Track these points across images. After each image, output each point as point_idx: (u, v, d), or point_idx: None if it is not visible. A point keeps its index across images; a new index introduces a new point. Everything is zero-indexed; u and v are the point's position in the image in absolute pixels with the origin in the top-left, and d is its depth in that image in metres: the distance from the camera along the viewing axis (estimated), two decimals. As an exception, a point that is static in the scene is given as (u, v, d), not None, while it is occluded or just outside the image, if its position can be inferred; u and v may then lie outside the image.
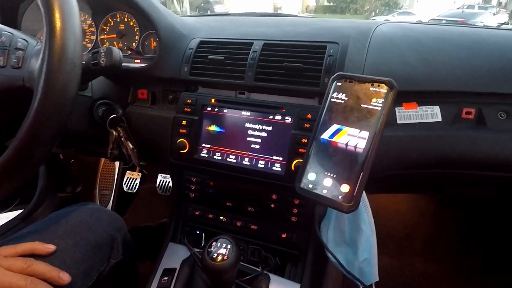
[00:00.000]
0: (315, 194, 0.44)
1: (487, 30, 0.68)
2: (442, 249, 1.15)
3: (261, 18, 0.81)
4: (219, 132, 0.60)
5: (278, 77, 0.57)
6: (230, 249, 0.44)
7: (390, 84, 0.43)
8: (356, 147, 0.43)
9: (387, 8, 19.73)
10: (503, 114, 0.58)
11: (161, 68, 0.64)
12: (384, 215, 1.28)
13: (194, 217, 0.68)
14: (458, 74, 0.57)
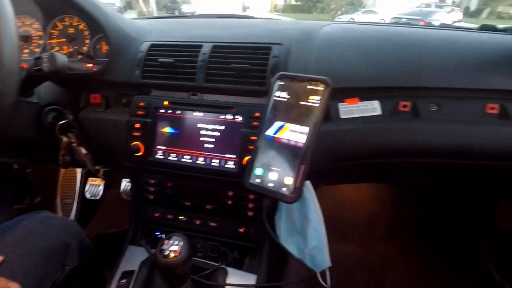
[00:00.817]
0: (262, 188, 0.47)
1: (421, 29, 0.75)
2: (401, 234, 1.23)
3: (214, 20, 0.82)
4: (173, 134, 0.61)
5: (227, 78, 0.59)
6: (182, 245, 0.46)
7: (325, 82, 0.46)
8: (297, 141, 0.46)
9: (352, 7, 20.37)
10: (434, 106, 0.64)
11: (112, 72, 0.64)
12: (349, 205, 1.34)
13: (154, 219, 0.69)
14: (395, 70, 0.62)
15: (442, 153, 0.64)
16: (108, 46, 0.66)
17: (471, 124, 0.62)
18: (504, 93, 0.62)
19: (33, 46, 0.74)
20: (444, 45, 0.67)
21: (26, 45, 0.74)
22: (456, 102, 0.63)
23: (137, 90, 0.65)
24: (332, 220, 1.34)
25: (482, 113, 0.62)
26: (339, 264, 1.11)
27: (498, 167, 0.67)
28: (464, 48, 0.66)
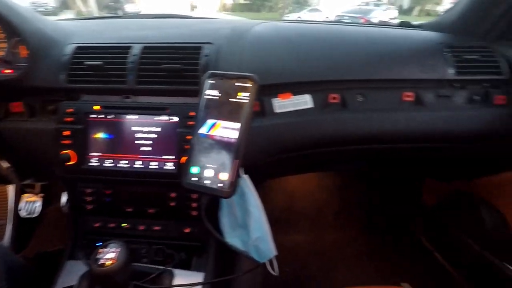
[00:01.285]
0: (199, 186, 0.47)
1: (347, 27, 0.81)
2: (347, 219, 1.32)
3: (147, 20, 0.80)
4: (107, 139, 0.59)
5: (160, 78, 0.59)
6: (119, 251, 0.44)
7: (253, 79, 0.48)
8: (229, 137, 0.47)
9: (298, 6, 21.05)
10: (360, 97, 0.69)
11: (34, 77, 0.60)
12: (299, 196, 1.40)
13: (95, 230, 0.65)
14: (323, 65, 0.67)
15: (369, 139, 0.70)
16: (27, 50, 0.61)
17: (391, 111, 0.69)
18: (416, 82, 0.70)
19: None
20: (367, 41, 0.73)
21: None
22: (378, 92, 0.70)
23: (64, 95, 0.62)
24: (283, 211, 1.39)
25: (399, 100, 0.70)
26: (292, 253, 1.17)
27: (416, 149, 0.75)
28: (383, 43, 0.73)
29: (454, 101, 0.70)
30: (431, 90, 0.70)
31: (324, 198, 1.39)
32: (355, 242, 1.22)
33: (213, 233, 0.51)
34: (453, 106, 0.70)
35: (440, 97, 0.70)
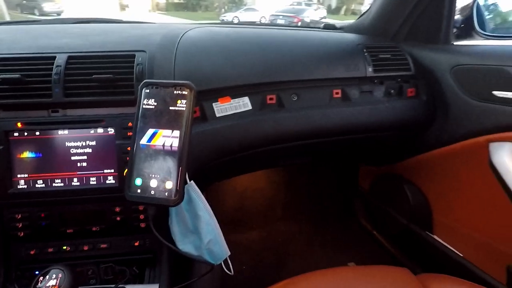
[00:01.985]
0: (144, 198, 0.46)
1: (278, 31, 0.86)
2: (296, 211, 1.39)
3: (68, 26, 0.75)
4: (35, 158, 0.55)
5: (91, 90, 0.56)
6: (62, 277, 0.42)
7: (189, 86, 0.48)
8: (172, 146, 0.47)
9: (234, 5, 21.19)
10: (295, 96, 0.74)
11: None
12: (249, 195, 1.44)
13: (31, 257, 0.60)
14: (257, 69, 0.70)
15: (306, 134, 0.76)
16: None
17: (322, 108, 0.75)
18: (342, 80, 0.77)
19: None
20: (296, 44, 0.78)
21: None
22: (310, 91, 0.75)
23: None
24: (236, 211, 1.41)
25: (330, 97, 0.76)
26: (248, 251, 1.20)
27: (349, 140, 0.84)
28: (312, 45, 0.79)
29: (374, 95, 0.79)
30: (355, 87, 0.78)
31: (273, 194, 1.45)
32: (306, 232, 1.30)
33: (165, 243, 0.51)
34: (374, 99, 0.79)
35: (363, 93, 0.78)
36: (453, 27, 0.81)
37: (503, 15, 1.06)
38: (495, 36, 0.80)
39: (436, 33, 0.81)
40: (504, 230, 0.69)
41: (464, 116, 0.72)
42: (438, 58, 0.78)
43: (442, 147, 0.80)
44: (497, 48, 0.72)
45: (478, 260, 0.78)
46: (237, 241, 1.27)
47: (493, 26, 1.10)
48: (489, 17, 1.10)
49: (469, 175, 0.75)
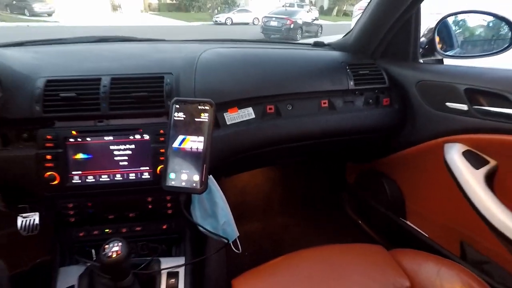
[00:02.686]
0: (177, 188, 0.62)
1: (274, 50, 1.01)
2: (291, 204, 1.56)
3: (101, 49, 0.89)
4: (87, 159, 0.69)
5: (130, 104, 0.71)
6: (121, 245, 0.57)
7: (210, 103, 0.63)
8: (197, 148, 0.62)
9: (227, 6, 21.26)
10: (289, 106, 0.90)
11: (9, 110, 0.67)
12: (249, 191, 1.60)
13: (79, 239, 0.75)
14: (258, 84, 0.86)
15: (299, 137, 0.92)
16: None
17: (313, 116, 0.91)
18: (329, 92, 0.93)
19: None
20: (290, 62, 0.94)
21: None
22: (303, 102, 0.91)
23: (39, 124, 0.69)
24: (238, 205, 1.59)
25: (319, 107, 0.93)
26: (249, 238, 1.37)
27: (335, 141, 1.00)
28: (303, 63, 0.95)
29: (356, 104, 0.96)
30: (339, 98, 0.94)
31: (271, 189, 1.62)
32: (299, 222, 1.46)
33: (193, 221, 0.66)
34: (356, 108, 0.96)
35: (346, 102, 0.95)
36: (419, 47, 0.98)
37: (470, 30, 1.24)
38: (451, 56, 0.98)
39: (406, 52, 0.98)
40: (457, 213, 0.86)
41: (427, 122, 0.89)
42: (406, 73, 0.94)
43: (412, 146, 0.97)
44: (451, 68, 0.89)
45: (439, 238, 0.95)
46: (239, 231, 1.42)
47: (462, 39, 1.29)
48: (458, 31, 1.29)
49: (432, 170, 0.92)
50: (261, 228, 1.43)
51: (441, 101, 0.83)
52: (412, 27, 0.95)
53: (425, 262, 0.71)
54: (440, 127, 0.84)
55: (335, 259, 0.73)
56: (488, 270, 0.81)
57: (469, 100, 0.76)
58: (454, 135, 0.80)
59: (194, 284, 0.72)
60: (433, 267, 0.69)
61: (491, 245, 0.78)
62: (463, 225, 0.86)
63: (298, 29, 11.62)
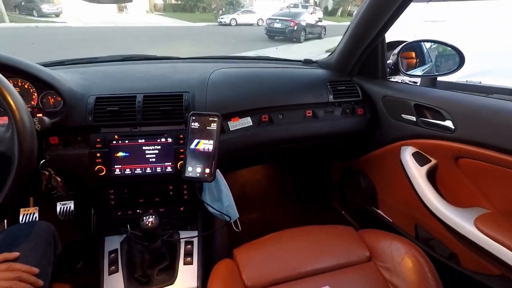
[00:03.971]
0: (193, 177, 0.85)
1: (268, 69, 1.24)
2: (285, 198, 1.79)
3: (131, 69, 1.11)
4: (125, 156, 0.93)
5: (158, 115, 0.94)
6: (154, 217, 0.81)
7: (217, 115, 0.86)
8: (208, 149, 0.85)
9: (231, 7, 21.46)
10: (280, 115, 1.13)
11: (70, 120, 0.90)
12: (249, 185, 1.83)
13: (118, 217, 0.98)
14: (255, 98, 1.09)
15: (289, 141, 1.15)
16: (62, 102, 0.91)
17: (299, 123, 1.14)
18: (312, 104, 1.16)
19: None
20: (281, 79, 1.17)
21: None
22: (291, 112, 1.14)
23: (90, 130, 0.93)
24: (240, 198, 1.83)
25: (304, 116, 1.15)
26: (249, 225, 1.61)
27: (319, 144, 1.23)
28: (292, 80, 1.18)
29: (335, 114, 1.18)
30: (321, 109, 1.17)
31: (268, 184, 1.85)
32: (292, 213, 1.69)
33: (203, 202, 0.90)
34: (335, 117, 1.18)
35: (327, 112, 1.17)
36: (386, 67, 1.20)
37: (442, 47, 1.46)
38: (411, 75, 1.20)
39: (375, 71, 1.20)
40: (412, 202, 1.07)
41: (389, 129, 1.12)
42: (375, 89, 1.17)
43: (380, 148, 1.19)
44: (406, 87, 1.11)
45: (400, 222, 1.18)
46: (240, 221, 1.66)
47: (437, 53, 1.50)
48: (433, 47, 1.50)
49: (394, 167, 1.14)
50: (260, 217, 1.66)
51: (398, 113, 1.06)
52: (379, 50, 1.17)
53: (383, 238, 0.93)
54: (398, 133, 1.07)
55: (313, 236, 0.95)
56: (432, 245, 1.04)
57: (416, 113, 0.99)
58: (407, 140, 1.03)
59: (204, 250, 0.95)
60: (388, 242, 0.91)
61: (434, 225, 1.00)
62: (416, 211, 1.08)
63: (301, 31, 11.79)
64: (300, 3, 21.94)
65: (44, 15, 16.48)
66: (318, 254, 0.88)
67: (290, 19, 11.74)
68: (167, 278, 0.87)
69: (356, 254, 0.88)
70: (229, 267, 0.85)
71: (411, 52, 1.32)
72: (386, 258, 0.86)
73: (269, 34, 12.10)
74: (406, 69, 1.20)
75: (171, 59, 1.37)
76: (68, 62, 1.23)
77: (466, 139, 0.84)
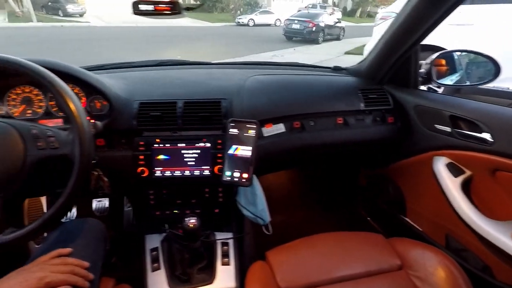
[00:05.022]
0: (231, 182, 0.88)
1: (299, 77, 1.26)
2: (311, 202, 1.81)
3: (169, 76, 1.16)
4: (166, 159, 0.97)
5: (197, 120, 0.98)
6: (196, 219, 0.85)
7: (256, 123, 0.90)
8: (246, 155, 0.89)
9: (249, 7, 21.54)
10: (312, 123, 1.15)
11: (116, 123, 0.95)
12: (275, 188, 1.86)
13: (156, 216, 1.03)
14: (288, 106, 1.11)
15: (320, 147, 1.17)
16: (109, 107, 0.96)
17: (330, 130, 1.16)
18: (343, 112, 1.17)
19: (35, 107, 0.98)
20: (313, 87, 1.19)
21: (29, 107, 0.97)
22: (322, 119, 1.16)
23: (134, 133, 0.98)
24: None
25: (335, 123, 1.17)
26: (275, 228, 1.63)
27: (349, 151, 1.24)
28: (323, 88, 1.20)
29: (365, 122, 1.19)
30: (352, 116, 1.18)
31: (292, 188, 1.87)
32: (317, 217, 1.71)
33: (239, 206, 0.93)
34: (365, 125, 1.19)
35: (357, 120, 1.19)
36: (418, 76, 1.20)
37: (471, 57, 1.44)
38: (443, 85, 1.19)
39: (408, 80, 1.21)
40: (443, 212, 1.07)
41: (421, 138, 1.12)
42: (407, 98, 1.17)
43: (410, 157, 1.19)
44: (441, 97, 1.11)
45: (430, 231, 1.18)
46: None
47: (468, 60, 1.48)
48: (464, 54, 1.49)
49: (424, 176, 1.14)
50: (284, 221, 1.68)
51: (432, 123, 1.06)
52: (413, 59, 1.17)
53: (414, 247, 0.94)
54: (430, 143, 1.07)
55: (343, 242, 0.97)
56: (464, 256, 1.03)
57: (452, 124, 0.99)
58: (440, 150, 1.03)
59: (239, 252, 0.99)
60: (419, 251, 0.92)
61: (467, 237, 1.00)
62: (447, 221, 1.08)
63: (320, 32, 11.73)
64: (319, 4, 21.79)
65: (68, 15, 17.09)
66: (349, 260, 0.89)
67: (308, 20, 11.70)
68: (207, 277, 0.91)
69: (387, 262, 0.89)
70: (263, 269, 0.88)
71: (441, 60, 1.31)
72: (419, 267, 0.87)
73: (287, 35, 12.09)
74: (437, 77, 1.20)
75: (202, 64, 1.41)
76: (107, 67, 1.29)
77: (505, 153, 0.84)
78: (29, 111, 0.96)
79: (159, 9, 0.77)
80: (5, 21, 14.54)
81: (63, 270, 0.68)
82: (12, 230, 0.65)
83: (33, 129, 0.70)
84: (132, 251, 1.11)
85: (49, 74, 0.68)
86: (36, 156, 0.68)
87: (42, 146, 0.69)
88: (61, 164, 0.71)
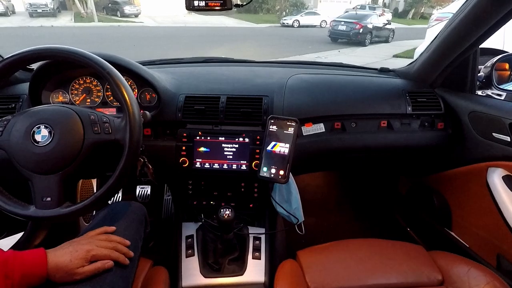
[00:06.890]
0: (267, 178, 0.89)
1: (344, 77, 1.23)
2: (345, 206, 1.76)
3: (215, 72, 1.21)
4: (206, 151, 1.01)
5: (238, 116, 1.00)
6: (231, 210, 0.87)
7: (295, 120, 0.90)
8: (284, 152, 0.89)
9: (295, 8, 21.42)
10: (354, 124, 1.12)
11: (163, 115, 1.01)
12: (309, 190, 1.84)
13: (193, 206, 1.08)
14: (329, 105, 1.09)
15: (360, 150, 1.13)
16: (157, 99, 1.03)
17: (373, 133, 1.12)
18: (388, 115, 1.12)
19: (94, 97, 1.08)
20: (356, 87, 1.16)
21: (88, 96, 1.07)
22: (365, 121, 1.12)
23: (178, 125, 1.03)
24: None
25: (378, 126, 1.13)
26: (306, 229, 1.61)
27: (392, 156, 1.19)
28: (367, 89, 1.16)
29: (412, 126, 1.13)
30: (397, 120, 1.13)
31: (328, 191, 1.84)
32: (351, 222, 1.66)
33: (273, 203, 0.94)
34: (411, 129, 1.13)
35: (403, 124, 1.13)
36: (476, 80, 1.11)
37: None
38: (506, 90, 1.08)
39: (463, 83, 1.12)
40: (496, 229, 0.98)
41: (474, 147, 1.03)
42: (461, 103, 1.09)
43: (460, 167, 1.11)
44: (500, 103, 1.01)
45: (479, 249, 1.08)
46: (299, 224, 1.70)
47: None
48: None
49: (476, 189, 1.05)
50: (317, 223, 1.66)
51: (488, 131, 0.97)
52: (471, 62, 1.09)
53: (458, 263, 0.87)
54: (485, 153, 0.99)
55: (380, 250, 0.93)
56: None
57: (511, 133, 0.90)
58: (496, 161, 0.94)
59: (270, 248, 1.00)
60: (464, 267, 0.85)
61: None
62: (500, 239, 0.99)
63: (367, 34, 11.29)
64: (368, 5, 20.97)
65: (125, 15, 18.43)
66: (384, 269, 0.86)
67: (356, 21, 11.31)
68: (237, 269, 0.94)
69: (427, 276, 0.84)
70: (293, 267, 0.88)
71: (504, 64, 1.19)
72: (462, 285, 0.81)
73: (332, 37, 11.80)
74: (499, 82, 1.10)
75: (247, 62, 1.44)
76: (158, 62, 1.37)
77: None
78: (88, 100, 1.06)
79: (211, 4, 0.80)
80: (71, 21, 16.07)
81: (107, 246, 0.74)
82: (68, 205, 0.72)
83: (91, 115, 0.77)
84: (169, 237, 1.17)
85: (108, 65, 0.74)
86: (92, 139, 0.74)
87: (97, 131, 0.76)
88: (112, 150, 0.77)
